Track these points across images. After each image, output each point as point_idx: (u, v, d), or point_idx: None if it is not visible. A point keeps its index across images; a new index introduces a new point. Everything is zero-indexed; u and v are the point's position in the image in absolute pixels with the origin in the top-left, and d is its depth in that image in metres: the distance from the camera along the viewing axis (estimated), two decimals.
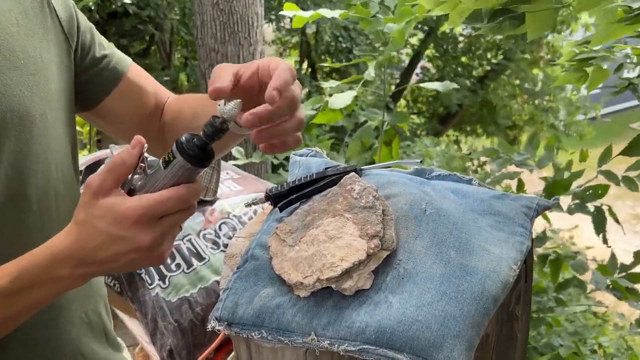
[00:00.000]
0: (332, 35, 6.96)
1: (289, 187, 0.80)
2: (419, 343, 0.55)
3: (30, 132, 0.72)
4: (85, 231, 0.59)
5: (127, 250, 0.58)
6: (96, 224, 0.58)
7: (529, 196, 0.75)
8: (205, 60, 4.31)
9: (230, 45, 4.18)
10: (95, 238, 0.58)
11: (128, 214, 0.57)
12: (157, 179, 0.59)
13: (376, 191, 0.66)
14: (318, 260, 0.60)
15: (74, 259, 0.59)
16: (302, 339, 0.59)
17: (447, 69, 7.82)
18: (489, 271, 0.60)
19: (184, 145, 0.58)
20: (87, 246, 0.59)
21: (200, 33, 4.25)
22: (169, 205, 0.58)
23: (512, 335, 0.73)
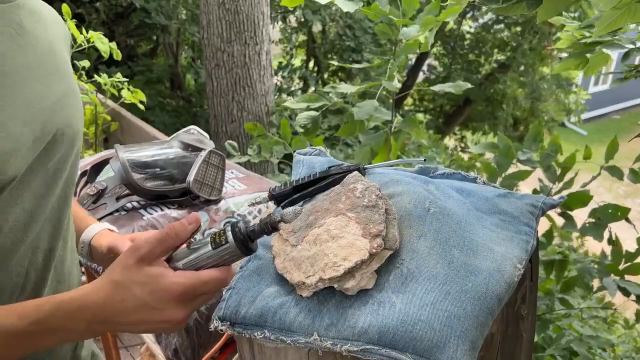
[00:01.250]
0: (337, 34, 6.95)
1: (292, 186, 0.80)
2: (422, 343, 0.54)
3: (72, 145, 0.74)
4: (120, 293, 0.58)
5: (155, 320, 0.59)
6: (134, 289, 0.58)
7: (534, 195, 0.74)
8: (212, 60, 4.32)
9: (236, 44, 4.19)
10: (129, 302, 0.58)
11: (172, 289, 0.58)
12: (202, 257, 0.61)
13: (379, 190, 0.66)
14: (320, 259, 0.60)
15: (97, 316, 0.59)
16: (304, 339, 0.58)
17: (454, 66, 7.79)
18: (493, 270, 0.59)
19: (240, 233, 0.61)
20: (116, 307, 0.58)
21: (206, 33, 4.26)
22: (209, 286, 0.60)
23: (518, 334, 0.73)
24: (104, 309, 0.58)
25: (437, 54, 8.36)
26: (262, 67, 4.35)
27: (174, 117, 6.86)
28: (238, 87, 4.31)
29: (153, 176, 1.13)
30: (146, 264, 0.59)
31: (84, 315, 0.59)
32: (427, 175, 0.82)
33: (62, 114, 0.69)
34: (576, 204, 1.88)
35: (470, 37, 7.82)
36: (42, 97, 0.65)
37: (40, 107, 0.64)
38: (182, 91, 8.07)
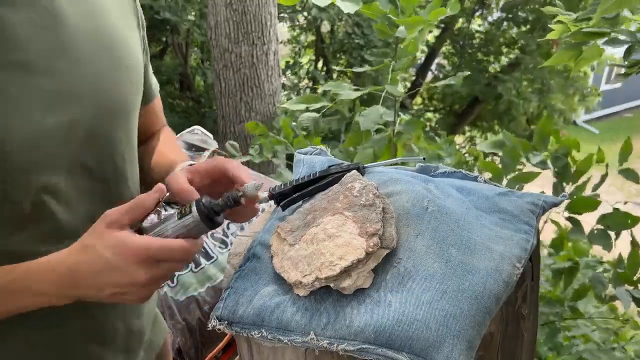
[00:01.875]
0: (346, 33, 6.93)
1: (292, 185, 0.80)
2: (418, 343, 0.54)
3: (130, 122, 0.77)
4: (89, 256, 0.60)
5: (120, 283, 0.60)
6: (102, 251, 0.60)
7: (535, 193, 0.74)
8: (220, 60, 4.33)
9: (243, 45, 4.20)
10: (96, 265, 0.60)
11: (136, 250, 0.60)
12: (168, 227, 0.64)
13: (376, 189, 0.66)
14: (317, 258, 0.60)
15: (65, 280, 0.61)
16: (301, 338, 0.58)
17: (463, 65, 7.74)
18: (491, 270, 0.59)
19: (203, 206, 0.64)
20: (84, 270, 0.60)
21: (214, 34, 4.27)
22: (174, 253, 0.62)
23: (519, 334, 0.72)
24: (72, 272, 0.60)
25: (447, 53, 8.32)
26: (270, 67, 4.35)
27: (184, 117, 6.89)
28: (246, 87, 4.32)
29: None
30: (114, 229, 0.61)
31: (51, 278, 0.61)
32: (427, 174, 0.82)
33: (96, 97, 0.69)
34: (584, 209, 1.83)
35: (480, 35, 7.77)
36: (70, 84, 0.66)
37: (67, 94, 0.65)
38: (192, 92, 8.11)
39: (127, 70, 0.75)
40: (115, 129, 0.74)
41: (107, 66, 0.71)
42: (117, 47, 0.73)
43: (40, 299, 0.63)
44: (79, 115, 0.67)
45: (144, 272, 0.60)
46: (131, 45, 0.77)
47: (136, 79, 0.79)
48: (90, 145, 0.70)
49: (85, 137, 0.69)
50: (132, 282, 0.60)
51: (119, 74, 0.73)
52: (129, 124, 0.78)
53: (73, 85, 0.66)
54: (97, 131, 0.71)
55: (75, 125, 0.67)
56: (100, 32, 0.70)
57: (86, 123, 0.68)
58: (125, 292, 0.62)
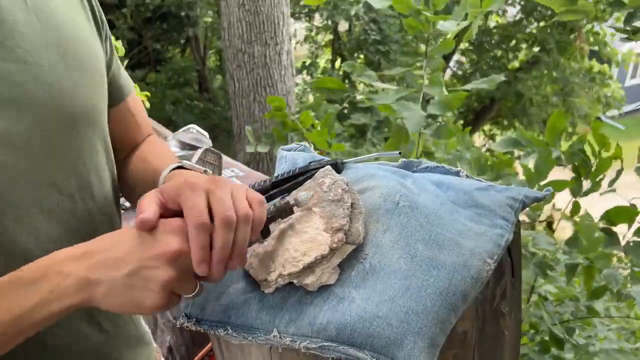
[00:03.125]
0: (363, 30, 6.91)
1: (271, 182, 0.79)
2: (380, 340, 0.52)
3: (94, 129, 0.71)
4: (121, 231, 0.56)
5: (147, 255, 0.52)
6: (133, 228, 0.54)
7: (516, 188, 0.72)
8: (233, 61, 4.36)
9: (256, 45, 4.22)
10: (128, 236, 0.54)
11: (172, 220, 0.55)
12: None
13: (347, 184, 0.64)
14: (281, 255, 0.59)
15: (82, 249, 0.54)
16: (264, 336, 0.57)
17: (481, 62, 7.64)
18: (458, 265, 0.57)
19: None
20: (108, 239, 0.55)
21: (227, 34, 4.30)
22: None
23: (499, 332, 0.70)
24: (91, 242, 0.55)
25: (464, 50, 8.22)
26: (283, 67, 4.36)
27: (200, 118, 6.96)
28: (259, 87, 4.33)
29: None
30: None
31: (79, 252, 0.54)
32: (410, 169, 0.80)
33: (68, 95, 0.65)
34: (620, 219, 1.75)
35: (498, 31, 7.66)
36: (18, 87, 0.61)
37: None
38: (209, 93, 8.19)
39: (88, 70, 0.69)
40: (77, 138, 0.68)
41: (61, 67, 0.64)
42: (71, 44, 0.67)
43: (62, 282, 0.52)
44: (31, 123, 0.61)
45: (177, 241, 0.53)
46: (88, 40, 0.71)
47: (99, 80, 0.72)
48: (51, 157, 0.64)
49: (45, 148, 0.63)
50: (158, 251, 0.52)
51: (78, 76, 0.67)
52: (95, 131, 0.72)
53: (21, 89, 0.60)
54: (56, 140, 0.64)
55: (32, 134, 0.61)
56: (49, 28, 0.64)
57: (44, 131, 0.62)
58: (150, 269, 0.52)
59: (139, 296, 0.53)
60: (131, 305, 0.54)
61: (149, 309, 0.54)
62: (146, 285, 0.52)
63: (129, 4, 6.60)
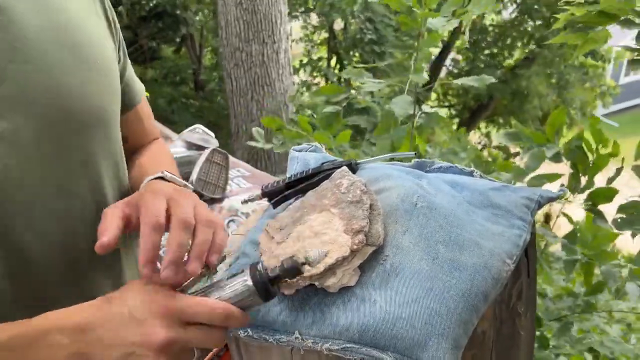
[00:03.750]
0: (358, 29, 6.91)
1: (285, 183, 0.79)
2: (403, 342, 0.52)
3: (106, 131, 0.70)
4: (114, 304, 0.52)
5: (133, 340, 0.50)
6: (127, 300, 0.52)
7: (531, 188, 0.72)
8: (230, 59, 4.34)
9: (254, 44, 4.21)
10: (118, 314, 0.51)
11: (161, 301, 0.51)
12: (212, 290, 0.55)
13: (365, 185, 0.64)
14: (301, 256, 0.59)
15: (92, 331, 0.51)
16: (286, 337, 0.57)
17: (477, 60, 7.66)
18: (479, 266, 0.57)
19: (259, 274, 0.55)
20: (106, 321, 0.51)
21: (225, 33, 4.29)
22: (210, 314, 0.52)
23: (515, 332, 0.70)
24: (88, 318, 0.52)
25: (460, 48, 8.23)
26: (281, 66, 4.35)
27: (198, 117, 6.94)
28: (257, 86, 4.32)
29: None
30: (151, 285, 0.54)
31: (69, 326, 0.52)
32: (423, 169, 0.80)
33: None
34: (601, 200, 1.78)
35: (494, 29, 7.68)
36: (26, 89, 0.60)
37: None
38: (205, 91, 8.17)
39: (99, 72, 0.68)
40: (89, 141, 0.67)
41: (72, 68, 0.63)
42: (82, 45, 0.65)
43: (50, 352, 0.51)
44: (40, 125, 0.60)
45: (164, 330, 0.50)
46: (101, 43, 0.70)
47: (111, 82, 0.71)
48: (60, 159, 0.63)
49: (54, 149, 0.62)
50: (145, 341, 0.49)
51: (88, 77, 0.66)
52: (107, 134, 0.71)
53: (29, 90, 0.59)
54: (65, 142, 0.63)
55: (41, 135, 0.60)
56: (60, 29, 0.63)
57: (53, 133, 0.61)
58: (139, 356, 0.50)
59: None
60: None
61: None
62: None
63: (125, 2, 6.58)
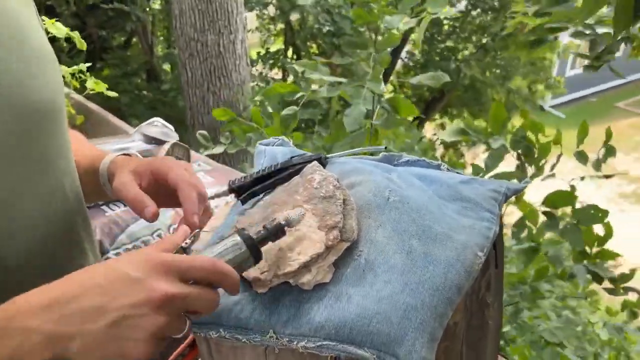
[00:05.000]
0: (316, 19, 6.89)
1: (253, 178, 0.77)
2: (380, 337, 0.52)
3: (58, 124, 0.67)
4: (100, 267, 0.48)
5: (132, 300, 0.45)
6: (119, 263, 0.48)
7: (497, 180, 0.73)
8: (185, 50, 4.25)
9: (210, 34, 4.12)
10: (104, 277, 0.47)
11: (155, 257, 0.48)
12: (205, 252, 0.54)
13: (337, 180, 0.64)
14: (275, 254, 0.58)
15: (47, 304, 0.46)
16: (260, 336, 0.56)
17: (432, 52, 7.78)
18: (452, 260, 0.58)
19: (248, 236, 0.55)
20: (89, 278, 0.47)
21: (179, 22, 4.18)
22: (202, 270, 0.50)
23: (484, 323, 0.72)
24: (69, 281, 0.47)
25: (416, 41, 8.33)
26: (238, 56, 4.29)
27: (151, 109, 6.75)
28: (213, 77, 4.25)
29: None
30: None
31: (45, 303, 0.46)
32: (390, 163, 0.80)
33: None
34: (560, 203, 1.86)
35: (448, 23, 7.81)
36: None
37: None
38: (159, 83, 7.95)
39: (43, 63, 0.64)
40: (46, 135, 0.64)
41: (17, 61, 0.59)
42: (26, 37, 0.61)
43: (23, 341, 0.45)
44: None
45: (164, 284, 0.47)
46: (40, 34, 0.66)
47: (55, 72, 0.67)
48: (17, 158, 0.59)
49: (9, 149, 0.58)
50: (147, 298, 0.45)
51: (35, 69, 0.61)
52: (60, 127, 0.67)
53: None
54: (21, 140, 0.59)
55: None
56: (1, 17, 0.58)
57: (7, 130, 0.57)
58: (136, 318, 0.45)
59: (123, 347, 0.46)
60: (113, 357, 0.46)
61: (135, 358, 0.47)
62: (132, 335, 0.46)
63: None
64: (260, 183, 0.77)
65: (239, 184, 0.77)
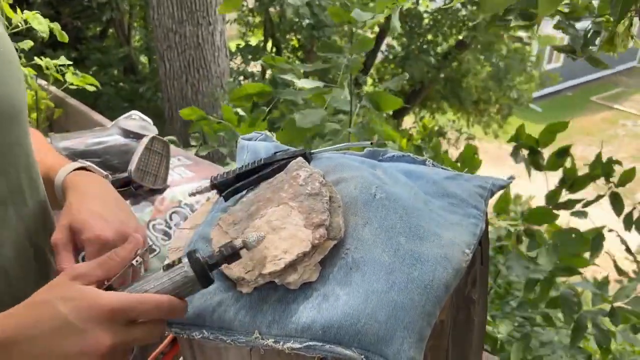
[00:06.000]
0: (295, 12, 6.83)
1: (236, 174, 0.76)
2: (368, 337, 0.51)
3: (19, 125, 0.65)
4: (42, 312, 0.48)
5: (75, 350, 0.46)
6: (58, 305, 0.47)
7: (482, 176, 0.73)
8: (164, 41, 4.17)
9: (188, 25, 4.06)
10: (45, 322, 0.47)
11: (102, 305, 0.48)
12: (149, 283, 0.52)
13: (323, 177, 0.62)
14: (260, 253, 0.57)
15: (15, 345, 0.47)
16: (244, 337, 0.55)
17: (412, 46, 7.79)
18: (440, 257, 0.57)
19: (197, 260, 0.54)
20: (36, 331, 0.47)
21: (156, 13, 4.10)
22: (153, 310, 0.50)
23: (469, 319, 0.71)
24: (25, 332, 0.47)
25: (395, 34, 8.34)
26: (217, 48, 4.23)
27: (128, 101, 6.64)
28: (192, 69, 4.18)
29: None
30: (79, 283, 0.50)
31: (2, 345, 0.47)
32: (375, 158, 0.79)
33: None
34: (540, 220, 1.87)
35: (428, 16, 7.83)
36: None
37: None
38: (136, 75, 7.81)
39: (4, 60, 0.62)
40: (6, 135, 0.62)
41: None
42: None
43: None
44: None
45: (109, 336, 0.47)
46: (5, 38, 0.64)
47: (16, 70, 0.66)
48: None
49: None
50: (90, 349, 0.46)
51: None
52: (19, 128, 0.65)
53: None
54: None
55: None
56: None
57: None
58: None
59: None
60: None
61: None
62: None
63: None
64: (243, 179, 0.75)
65: (221, 180, 0.75)
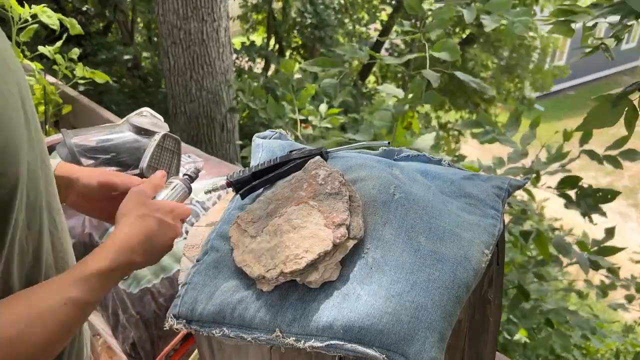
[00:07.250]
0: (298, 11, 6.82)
1: (252, 172, 0.76)
2: (389, 337, 0.52)
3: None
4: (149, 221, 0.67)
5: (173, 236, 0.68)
6: (156, 214, 0.68)
7: (500, 176, 0.73)
8: (168, 37, 4.16)
9: (193, 21, 4.05)
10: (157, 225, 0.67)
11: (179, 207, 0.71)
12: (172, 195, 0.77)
13: (342, 176, 0.63)
14: (281, 252, 0.57)
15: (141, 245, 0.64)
16: (265, 335, 0.55)
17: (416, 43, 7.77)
18: (460, 257, 0.57)
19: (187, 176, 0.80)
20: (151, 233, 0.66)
21: (161, 9, 4.09)
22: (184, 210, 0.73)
23: (485, 318, 0.72)
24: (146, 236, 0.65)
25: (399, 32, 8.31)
26: (221, 45, 4.22)
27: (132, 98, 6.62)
28: (196, 65, 4.17)
29: (103, 162, 1.06)
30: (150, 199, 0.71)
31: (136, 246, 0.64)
32: (391, 157, 0.79)
33: None
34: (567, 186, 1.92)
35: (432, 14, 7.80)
36: None
37: None
38: (139, 70, 7.80)
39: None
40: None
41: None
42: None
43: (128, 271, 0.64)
44: None
45: (180, 224, 0.71)
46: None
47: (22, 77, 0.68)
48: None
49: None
50: (176, 235, 0.69)
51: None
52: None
53: None
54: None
55: None
56: None
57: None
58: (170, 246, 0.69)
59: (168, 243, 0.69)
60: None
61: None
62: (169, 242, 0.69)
63: None
64: (259, 177, 0.75)
65: (237, 177, 0.75)
